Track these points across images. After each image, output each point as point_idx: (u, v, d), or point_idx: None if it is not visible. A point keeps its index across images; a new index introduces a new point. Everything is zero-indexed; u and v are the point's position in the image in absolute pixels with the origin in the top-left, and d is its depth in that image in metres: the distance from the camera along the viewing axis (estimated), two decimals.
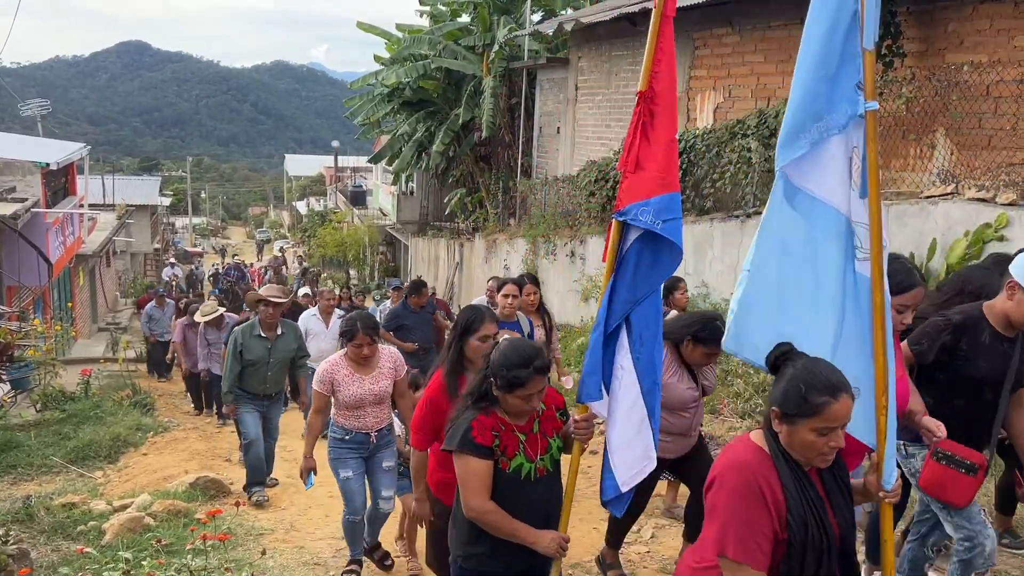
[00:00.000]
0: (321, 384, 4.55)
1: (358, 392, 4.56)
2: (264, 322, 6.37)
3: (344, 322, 4.65)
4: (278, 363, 6.45)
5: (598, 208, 12.24)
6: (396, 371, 4.72)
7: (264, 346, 6.34)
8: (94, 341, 21.19)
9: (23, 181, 15.45)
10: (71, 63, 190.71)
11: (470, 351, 3.55)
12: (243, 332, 6.36)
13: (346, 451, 4.65)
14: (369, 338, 4.49)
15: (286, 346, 6.50)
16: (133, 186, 36.40)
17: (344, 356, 4.62)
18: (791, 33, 9.71)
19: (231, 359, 6.24)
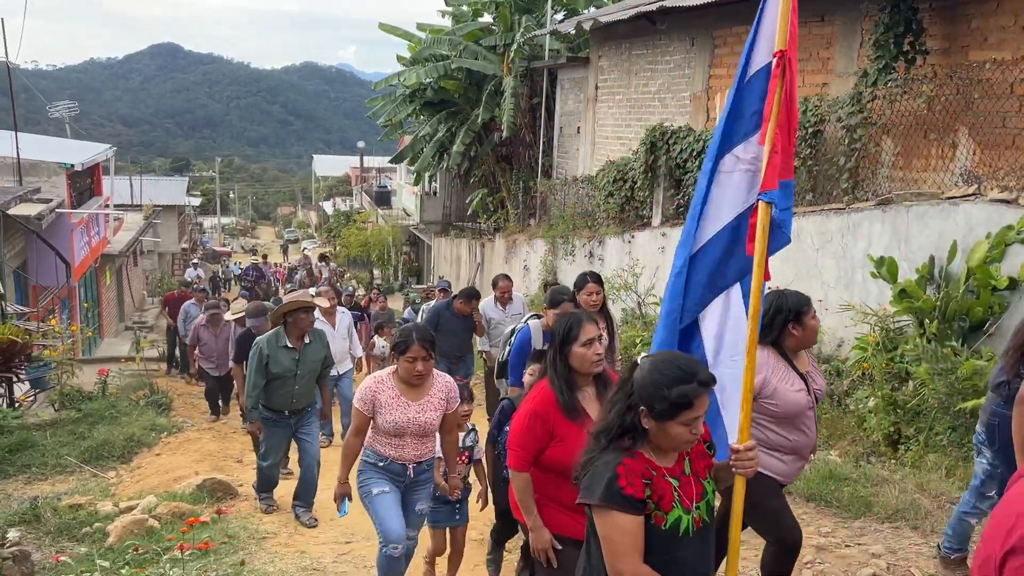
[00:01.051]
0: (362, 403, 4.05)
1: (400, 420, 4.05)
2: (294, 330, 5.76)
3: (399, 332, 4.17)
4: (306, 375, 5.85)
5: (616, 208, 12.13)
6: (448, 402, 4.20)
7: (292, 357, 5.74)
8: (120, 340, 21.46)
9: (48, 182, 15.65)
10: (105, 65, 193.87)
11: (576, 360, 3.18)
12: (268, 342, 5.74)
13: (381, 477, 4.19)
14: (425, 351, 3.95)
15: (315, 355, 5.91)
16: (161, 186, 36.83)
17: (392, 374, 4.10)
18: (811, 31, 9.53)
19: (254, 373, 5.66)
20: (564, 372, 3.17)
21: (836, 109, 8.14)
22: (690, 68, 11.80)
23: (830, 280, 7.97)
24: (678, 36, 12.02)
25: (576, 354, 3.17)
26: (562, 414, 3.11)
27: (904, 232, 7.13)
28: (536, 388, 3.28)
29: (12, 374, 8.75)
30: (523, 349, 5.04)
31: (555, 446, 3.12)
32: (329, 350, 6.19)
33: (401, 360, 3.99)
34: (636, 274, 10.52)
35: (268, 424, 5.91)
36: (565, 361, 3.18)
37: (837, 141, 8.21)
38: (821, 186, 8.61)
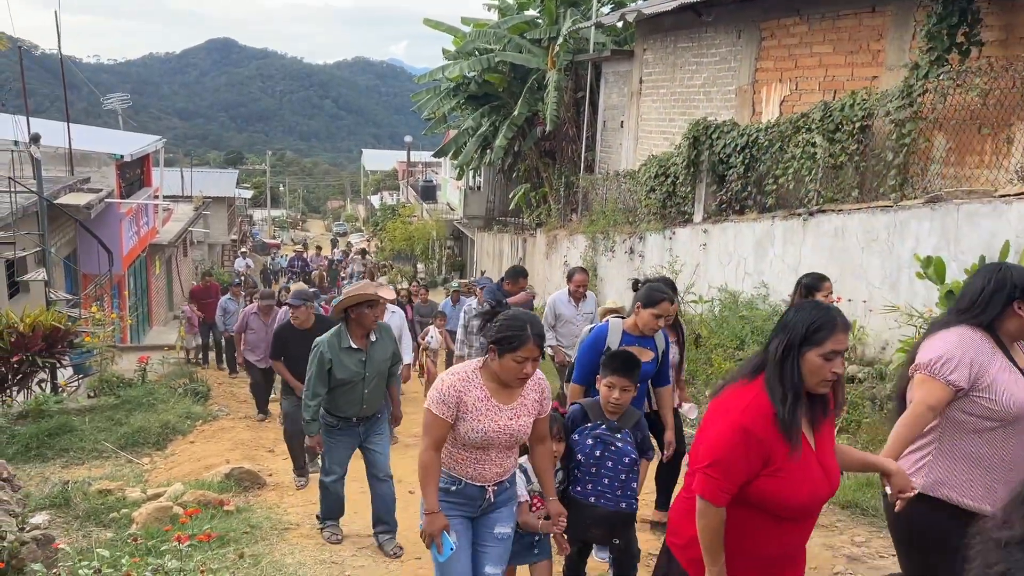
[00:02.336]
0: (444, 406, 3.18)
1: (490, 428, 3.21)
2: (358, 328, 5.01)
3: (503, 321, 3.20)
4: (375, 377, 5.09)
5: (658, 204, 11.93)
6: (542, 404, 3.38)
7: (358, 359, 5.02)
8: (168, 328, 21.91)
9: (98, 172, 16.01)
10: (163, 60, 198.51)
11: (809, 371, 2.45)
12: (329, 345, 4.98)
13: (450, 507, 3.33)
14: (539, 350, 3.17)
15: (383, 354, 5.15)
16: (211, 178, 37.50)
17: (480, 370, 3.27)
18: (861, 23, 9.22)
19: (315, 380, 4.95)
20: (794, 380, 2.44)
21: (885, 103, 7.84)
22: (736, 61, 11.52)
23: (875, 280, 7.69)
24: (724, 28, 11.75)
25: (812, 364, 2.44)
26: (779, 435, 2.42)
27: (954, 231, 6.84)
28: (738, 395, 2.52)
29: (55, 359, 8.92)
30: (596, 347, 4.49)
31: (769, 477, 2.43)
32: (397, 345, 5.48)
33: (505, 357, 3.13)
34: (676, 271, 10.32)
35: (332, 432, 5.14)
36: (797, 366, 2.45)
37: (885, 136, 7.91)
38: (868, 183, 8.31)
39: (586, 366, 4.48)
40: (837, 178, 8.56)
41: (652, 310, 4.37)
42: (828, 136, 8.45)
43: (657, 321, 4.40)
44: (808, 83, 10.09)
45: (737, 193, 10.14)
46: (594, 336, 4.60)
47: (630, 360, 3.81)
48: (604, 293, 13.88)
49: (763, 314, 8.96)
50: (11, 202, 10.60)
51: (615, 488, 3.68)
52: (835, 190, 8.57)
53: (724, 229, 10.19)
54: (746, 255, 9.76)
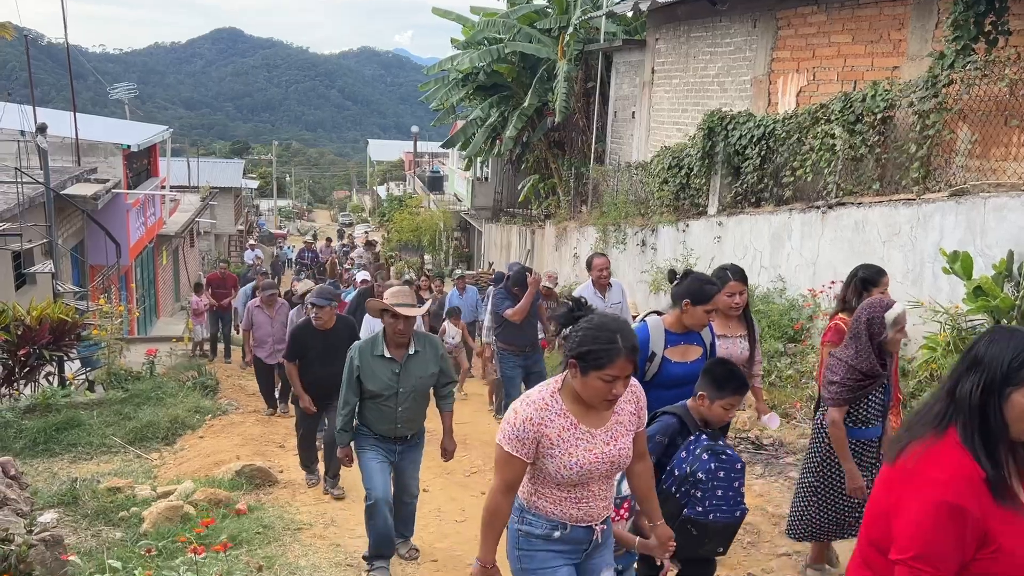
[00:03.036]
0: (519, 442, 2.64)
1: (585, 460, 2.68)
2: (392, 338, 4.57)
3: (586, 330, 2.62)
4: (412, 393, 4.61)
5: (671, 196, 11.77)
6: (639, 416, 2.88)
7: (391, 371, 4.56)
8: (175, 319, 21.84)
9: (105, 163, 15.90)
10: (169, 49, 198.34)
11: (1014, 415, 1.92)
12: (360, 351, 4.59)
13: (553, 556, 2.81)
14: (634, 366, 2.62)
15: (422, 369, 4.64)
16: (218, 169, 37.42)
17: (558, 392, 2.70)
18: (882, 11, 9.03)
19: (346, 386, 4.59)
20: (999, 430, 1.93)
21: (908, 93, 7.67)
22: (751, 51, 11.34)
23: (897, 274, 7.52)
24: (739, 17, 11.56)
25: (1019, 407, 1.91)
26: (992, 500, 1.91)
27: (980, 225, 6.68)
28: (932, 458, 1.96)
29: (62, 352, 8.82)
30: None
31: (988, 560, 1.91)
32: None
33: (590, 375, 2.57)
34: (691, 264, 10.16)
35: (364, 444, 4.69)
36: (999, 413, 1.93)
37: (908, 128, 7.74)
38: (889, 175, 8.14)
39: None
40: (857, 170, 8.39)
41: (705, 306, 3.92)
42: (848, 127, 8.27)
43: (709, 316, 3.98)
44: (826, 73, 9.91)
45: (753, 185, 9.98)
46: None
47: (740, 374, 3.52)
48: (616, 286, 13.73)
49: (779, 308, 8.81)
50: (18, 193, 10.50)
51: (729, 498, 3.45)
52: (855, 183, 8.40)
53: (739, 222, 10.03)
54: (762, 248, 9.61)
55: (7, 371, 8.42)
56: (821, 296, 8.13)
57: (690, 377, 3.87)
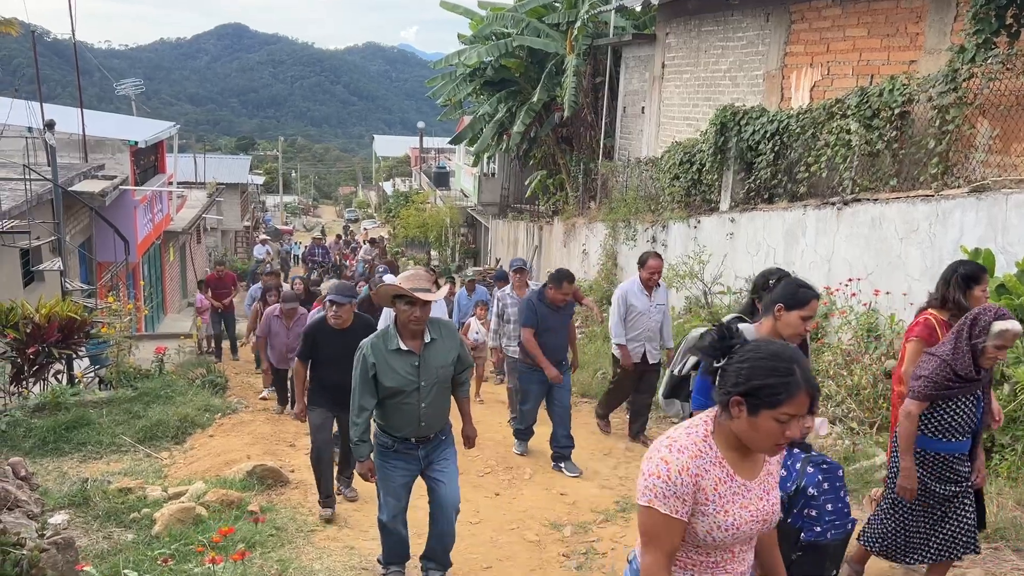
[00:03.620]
0: (677, 498, 2.19)
1: (741, 519, 2.26)
2: (407, 327, 4.19)
3: (755, 360, 2.21)
4: (434, 386, 4.26)
5: (682, 192, 11.66)
6: (779, 462, 2.52)
7: (409, 364, 4.20)
8: (183, 316, 21.82)
9: (113, 159, 15.84)
10: (174, 45, 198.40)
11: None
12: (373, 347, 4.20)
13: None
14: (813, 404, 2.21)
15: (442, 358, 4.30)
16: (224, 165, 37.37)
17: (710, 436, 2.28)
18: (899, 5, 8.90)
19: (360, 389, 4.19)
20: None
21: (927, 88, 7.55)
22: (764, 45, 11.21)
23: (915, 272, 7.43)
24: (751, 11, 11.43)
25: None
26: None
27: (1002, 222, 6.57)
28: None
29: (71, 350, 8.77)
30: None
31: None
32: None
33: (761, 415, 2.16)
34: (703, 261, 10.07)
35: (386, 455, 4.33)
36: None
37: (927, 123, 7.62)
38: (907, 171, 8.03)
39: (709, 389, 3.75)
40: (873, 166, 8.28)
41: (800, 311, 3.61)
42: (865, 122, 8.16)
43: (805, 324, 3.65)
44: (841, 68, 9.79)
45: (766, 181, 9.87)
46: None
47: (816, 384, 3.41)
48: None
49: None
50: (26, 190, 10.44)
51: (839, 510, 3.27)
52: (871, 178, 8.29)
53: (752, 218, 9.93)
54: (776, 245, 9.50)
55: (16, 369, 8.37)
56: (837, 294, 8.03)
57: None
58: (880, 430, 6.60)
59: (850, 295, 7.80)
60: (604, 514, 5.81)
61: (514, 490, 6.36)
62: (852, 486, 5.61)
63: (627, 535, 5.40)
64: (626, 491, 6.32)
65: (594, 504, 6.01)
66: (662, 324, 7.18)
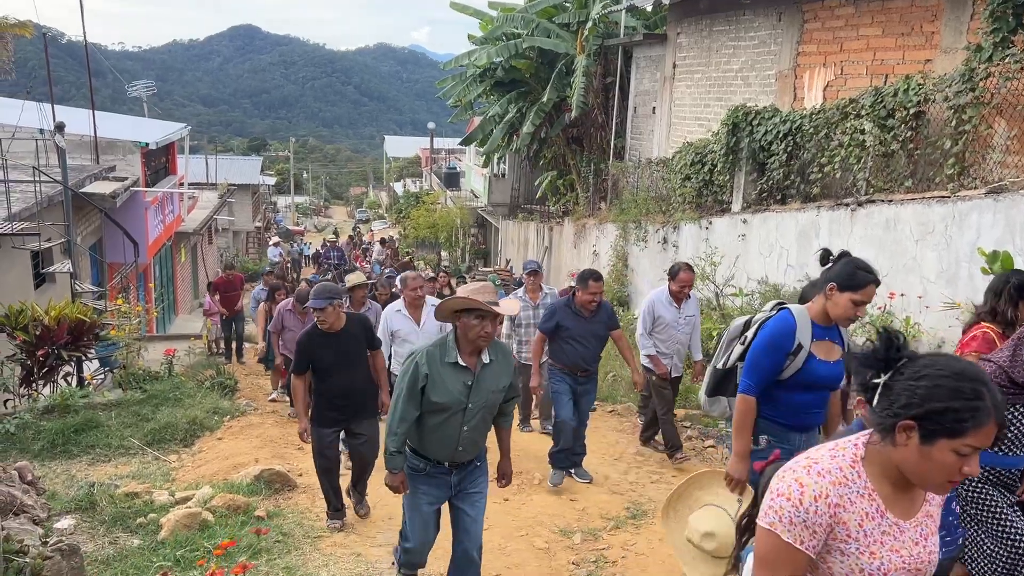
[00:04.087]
0: (807, 529, 1.90)
1: (890, 563, 1.94)
2: (473, 342, 3.81)
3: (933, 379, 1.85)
4: (480, 410, 3.93)
5: (693, 193, 11.57)
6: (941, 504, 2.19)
7: (463, 381, 3.84)
8: (194, 317, 21.86)
9: (124, 160, 15.87)
10: (187, 47, 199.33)
11: None
12: (429, 356, 3.83)
13: None
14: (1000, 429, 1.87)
15: (495, 382, 3.94)
16: (236, 166, 37.47)
17: (859, 462, 1.96)
18: (914, 3, 8.80)
19: (405, 399, 3.83)
20: None
21: (943, 88, 7.44)
22: (776, 44, 11.11)
23: (930, 275, 7.32)
24: (763, 11, 11.33)
25: None
26: None
27: (1020, 223, 6.45)
28: None
29: (81, 352, 8.77)
30: (782, 346, 3.48)
31: None
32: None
33: (938, 443, 1.84)
34: (715, 262, 9.98)
35: (415, 478, 4.02)
36: None
37: (943, 123, 7.51)
38: (922, 171, 7.92)
39: (768, 372, 3.50)
40: (888, 167, 8.17)
41: (853, 295, 3.35)
42: (879, 123, 8.05)
43: (857, 309, 3.38)
44: (855, 67, 9.68)
45: (779, 182, 9.77)
46: (777, 331, 3.49)
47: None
48: (636, 284, 13.57)
49: None
50: (35, 191, 10.46)
51: (949, 524, 3.00)
52: (885, 179, 8.19)
53: (765, 219, 9.83)
54: (788, 246, 9.40)
55: (26, 371, 8.38)
56: None
57: (833, 380, 3.54)
58: None
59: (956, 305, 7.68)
60: (615, 520, 5.73)
61: (523, 495, 6.29)
62: None
63: (638, 542, 5.32)
64: (636, 496, 6.25)
65: (604, 510, 5.94)
66: (691, 337, 6.92)
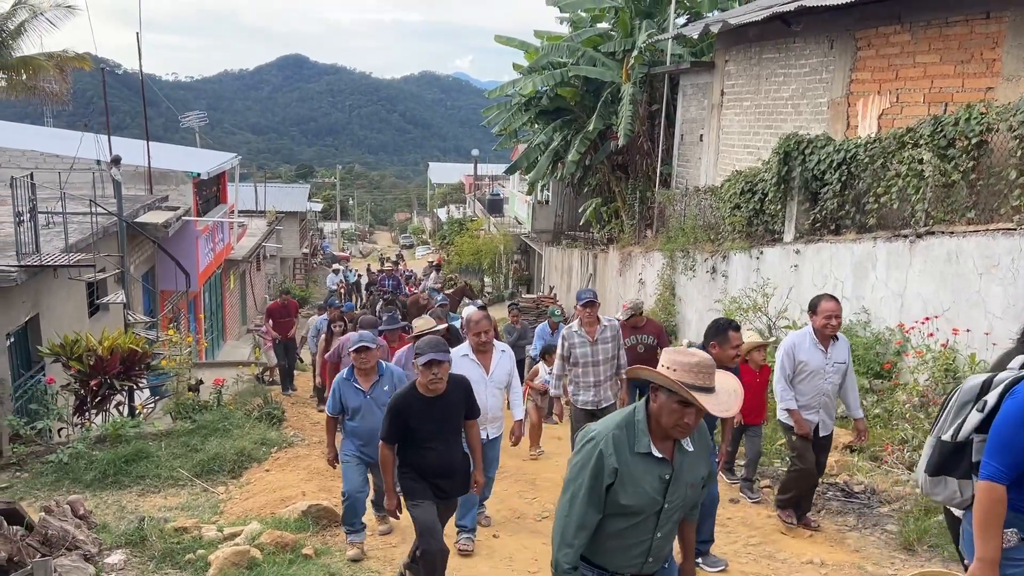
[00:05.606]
0: None
1: None
2: (672, 429, 2.88)
3: None
4: (678, 511, 3.02)
5: (743, 222, 11.37)
6: None
7: (659, 476, 2.92)
8: (242, 343, 22.14)
9: (176, 190, 16.21)
10: (237, 76, 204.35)
11: None
12: (616, 444, 2.89)
13: None
14: None
15: (695, 473, 3.02)
16: (284, 193, 38.11)
17: None
18: (973, 30, 8.58)
19: (584, 501, 2.87)
20: None
21: (1007, 117, 7.20)
22: (828, 72, 10.93)
23: (996, 310, 7.05)
24: (814, 38, 11.17)
25: None
26: None
27: None
28: None
29: (132, 382, 8.88)
30: None
31: None
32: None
33: None
34: (767, 294, 9.77)
35: None
36: None
37: (1007, 153, 7.26)
38: (984, 202, 7.66)
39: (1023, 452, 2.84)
40: (948, 197, 7.93)
41: None
42: (939, 152, 7.83)
43: None
44: (911, 95, 9.46)
45: (833, 212, 9.55)
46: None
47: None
48: (684, 314, 13.36)
49: (863, 342, 8.35)
50: (92, 223, 10.69)
51: None
52: (945, 210, 7.94)
53: (819, 250, 9.60)
54: (844, 278, 9.15)
55: (79, 401, 8.51)
56: (912, 332, 7.65)
57: None
58: None
59: (927, 334, 7.43)
60: None
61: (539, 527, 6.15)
62: (936, 541, 5.27)
63: None
64: None
65: None
66: (843, 387, 5.66)
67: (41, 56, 17.25)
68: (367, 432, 5.56)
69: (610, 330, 6.64)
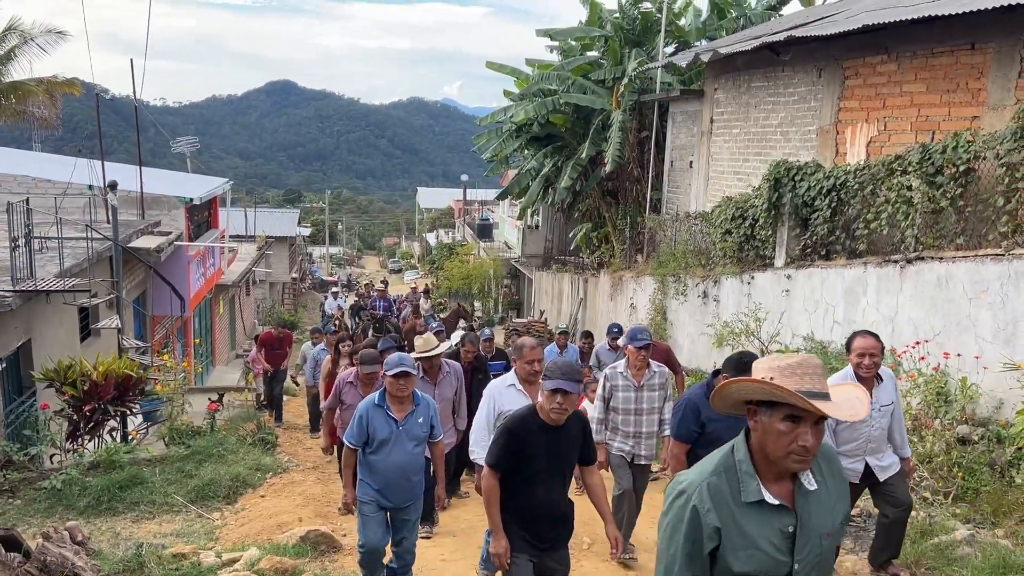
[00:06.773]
0: None
1: None
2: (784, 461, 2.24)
3: None
4: (814, 569, 2.34)
5: (734, 248, 11.49)
6: None
7: (779, 529, 2.28)
8: (231, 368, 22.03)
9: (168, 215, 16.22)
10: (225, 102, 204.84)
11: None
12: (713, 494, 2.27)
13: None
14: None
15: (829, 519, 2.36)
16: (274, 218, 38.12)
17: None
18: (959, 60, 8.77)
19: (681, 569, 2.29)
20: None
21: (993, 145, 7.36)
22: (816, 100, 11.12)
23: (986, 334, 7.15)
24: (803, 67, 11.37)
25: None
26: None
27: None
28: None
29: (126, 408, 8.85)
30: None
31: None
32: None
33: None
34: (759, 318, 9.86)
35: None
36: None
37: (994, 180, 7.41)
38: (973, 228, 7.80)
39: None
40: (937, 223, 8.06)
41: None
42: (927, 179, 7.97)
43: None
44: (899, 123, 9.64)
45: (823, 237, 9.68)
46: None
47: None
48: (675, 338, 13.44)
49: None
50: (87, 247, 10.68)
51: None
52: (934, 236, 8.07)
53: (810, 275, 9.72)
54: (835, 303, 9.26)
55: (72, 426, 8.46)
56: (904, 356, 7.74)
57: None
58: (956, 500, 6.29)
59: (918, 358, 7.53)
60: None
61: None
62: (932, 564, 5.31)
63: None
64: None
65: None
66: (891, 431, 4.93)
67: (31, 81, 17.24)
68: (393, 470, 4.88)
69: (658, 376, 5.84)
